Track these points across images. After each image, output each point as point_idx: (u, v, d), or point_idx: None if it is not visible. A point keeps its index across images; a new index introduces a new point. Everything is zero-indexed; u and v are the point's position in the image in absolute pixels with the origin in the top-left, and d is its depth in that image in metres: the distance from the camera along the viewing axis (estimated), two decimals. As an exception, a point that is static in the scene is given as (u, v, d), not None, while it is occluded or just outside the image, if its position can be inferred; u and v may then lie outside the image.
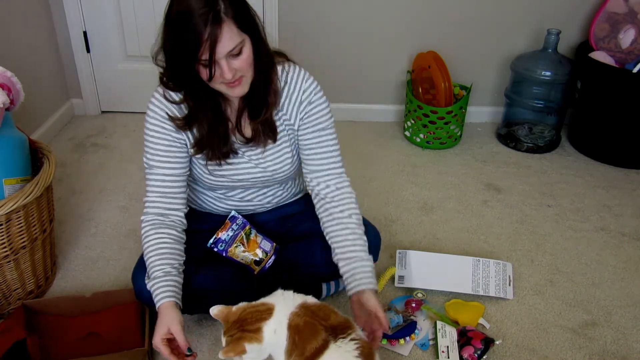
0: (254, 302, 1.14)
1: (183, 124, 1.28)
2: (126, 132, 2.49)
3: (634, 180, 2.26)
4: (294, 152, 1.40)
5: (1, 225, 1.36)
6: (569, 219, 2.00)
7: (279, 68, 1.31)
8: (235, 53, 1.13)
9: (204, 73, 1.14)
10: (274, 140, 1.35)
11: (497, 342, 1.44)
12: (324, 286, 1.57)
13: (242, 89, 1.21)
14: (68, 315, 1.46)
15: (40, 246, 1.52)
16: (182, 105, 1.28)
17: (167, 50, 1.16)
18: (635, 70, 2.14)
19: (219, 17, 1.08)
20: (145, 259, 1.29)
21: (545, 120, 2.52)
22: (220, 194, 1.45)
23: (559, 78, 2.34)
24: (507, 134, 2.52)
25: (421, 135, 2.44)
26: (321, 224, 1.38)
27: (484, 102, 2.66)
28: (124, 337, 1.39)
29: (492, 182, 2.22)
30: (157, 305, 1.22)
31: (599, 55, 2.27)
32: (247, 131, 1.34)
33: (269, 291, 1.42)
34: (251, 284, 1.43)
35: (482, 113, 2.69)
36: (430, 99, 2.42)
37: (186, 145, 1.32)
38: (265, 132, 1.33)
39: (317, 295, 1.56)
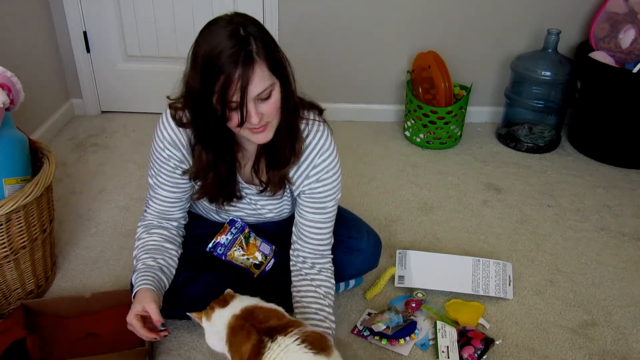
0: (231, 292, 1.21)
1: (192, 174, 1.26)
2: (126, 132, 2.49)
3: (634, 180, 2.26)
4: (293, 202, 1.38)
5: (1, 225, 1.35)
6: (569, 219, 2.00)
7: (302, 126, 1.23)
8: (265, 97, 1.07)
9: (235, 117, 1.07)
10: (282, 193, 1.31)
11: (497, 342, 1.44)
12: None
13: (267, 135, 1.14)
14: (67, 315, 1.46)
15: (40, 246, 1.52)
16: (189, 143, 1.23)
17: (191, 91, 1.09)
18: (635, 70, 2.14)
19: (251, 57, 1.02)
20: (133, 258, 1.31)
21: (545, 120, 2.52)
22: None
23: (559, 78, 2.34)
24: (507, 134, 2.52)
25: (421, 135, 2.44)
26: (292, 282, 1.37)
27: (484, 102, 2.66)
28: (123, 338, 1.38)
29: (492, 182, 2.22)
30: (133, 294, 1.23)
31: (599, 55, 2.27)
32: (263, 180, 1.28)
33: (268, 294, 1.43)
34: (251, 287, 1.43)
35: (482, 113, 2.69)
36: (430, 99, 2.42)
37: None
38: (279, 184, 1.27)
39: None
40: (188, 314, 1.18)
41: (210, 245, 1.42)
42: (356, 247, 1.46)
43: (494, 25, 2.48)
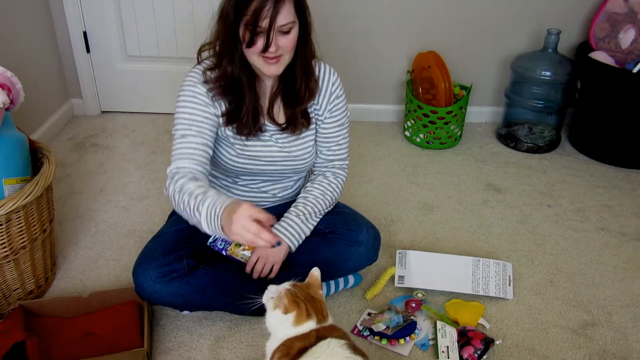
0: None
1: (221, 90, 1.31)
2: (126, 132, 2.49)
3: (634, 180, 2.26)
4: (315, 143, 1.47)
5: (1, 225, 1.35)
6: (569, 219, 2.00)
7: (314, 64, 1.40)
8: (285, 30, 1.22)
9: (259, 42, 1.21)
10: (308, 127, 1.42)
11: (497, 342, 1.44)
12: (324, 285, 1.57)
13: (278, 68, 1.28)
14: (65, 315, 1.46)
15: (40, 246, 1.52)
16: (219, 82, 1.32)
17: (225, 13, 1.23)
18: (635, 70, 2.14)
19: None
20: (183, 199, 1.21)
21: (545, 120, 2.52)
22: (233, 182, 1.47)
23: (559, 78, 2.34)
24: (507, 134, 2.52)
25: (421, 135, 2.44)
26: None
27: (484, 102, 2.66)
28: (123, 337, 1.38)
29: (492, 182, 2.22)
30: (224, 207, 1.13)
31: (599, 55, 2.27)
32: (280, 117, 1.40)
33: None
34: (251, 281, 1.43)
35: (482, 113, 2.69)
36: (430, 99, 2.42)
37: (218, 120, 1.35)
38: (301, 120, 1.40)
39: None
40: (270, 288, 1.14)
41: (210, 239, 1.42)
42: (355, 238, 1.48)
43: (494, 25, 2.48)
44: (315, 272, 1.18)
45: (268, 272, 1.43)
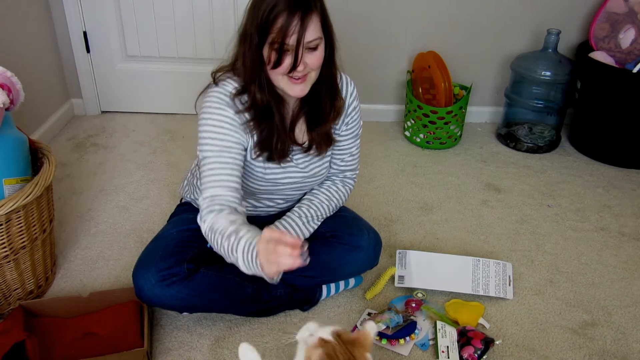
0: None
1: (255, 122, 1.24)
2: (126, 132, 2.49)
3: (634, 180, 2.26)
4: (330, 157, 1.44)
5: (1, 225, 1.35)
6: (569, 219, 2.00)
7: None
8: (313, 47, 1.16)
9: (286, 61, 1.15)
10: (331, 145, 1.38)
11: (497, 342, 1.44)
12: (324, 288, 1.57)
13: (304, 88, 1.22)
14: (65, 315, 1.46)
15: (40, 246, 1.52)
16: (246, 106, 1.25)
17: (248, 40, 1.16)
18: (635, 70, 2.14)
19: (310, 6, 1.13)
20: (216, 240, 1.18)
21: (545, 120, 2.52)
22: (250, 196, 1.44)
23: (559, 78, 2.34)
24: (507, 134, 2.52)
25: (421, 135, 2.44)
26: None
27: (484, 102, 2.66)
28: (123, 337, 1.38)
29: (492, 182, 2.22)
30: (257, 248, 1.06)
31: (599, 55, 2.27)
32: (302, 138, 1.35)
33: (268, 292, 1.42)
34: (252, 283, 1.43)
35: (482, 113, 2.69)
36: (430, 99, 2.42)
37: (245, 145, 1.28)
38: (324, 141, 1.35)
39: (317, 296, 1.56)
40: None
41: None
42: (357, 244, 1.47)
43: (494, 26, 2.48)
44: (370, 328, 0.97)
45: None
